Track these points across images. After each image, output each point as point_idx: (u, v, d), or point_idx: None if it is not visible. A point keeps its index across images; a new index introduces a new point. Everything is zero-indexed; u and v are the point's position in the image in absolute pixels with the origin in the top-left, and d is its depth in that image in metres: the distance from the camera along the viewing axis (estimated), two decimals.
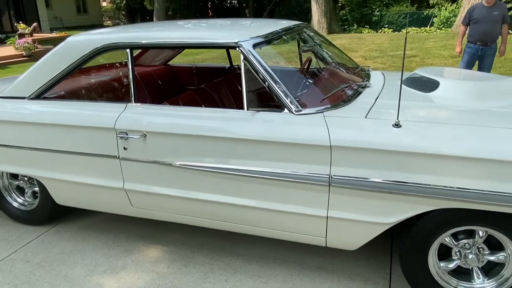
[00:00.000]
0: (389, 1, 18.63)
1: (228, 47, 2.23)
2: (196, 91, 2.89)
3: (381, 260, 2.47)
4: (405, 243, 2.01)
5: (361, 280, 2.30)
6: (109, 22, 28.03)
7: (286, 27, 2.65)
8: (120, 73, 3.21)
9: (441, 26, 15.59)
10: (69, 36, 2.83)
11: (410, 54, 9.62)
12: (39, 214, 2.94)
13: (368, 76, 2.72)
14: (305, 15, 18.55)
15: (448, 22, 15.52)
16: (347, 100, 2.22)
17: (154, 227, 2.88)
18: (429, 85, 2.39)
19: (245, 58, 2.14)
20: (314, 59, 2.83)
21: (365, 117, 2.00)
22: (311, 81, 2.44)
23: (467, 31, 5.56)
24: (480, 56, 5.44)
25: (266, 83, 2.11)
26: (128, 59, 2.41)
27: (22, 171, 2.71)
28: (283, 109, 2.08)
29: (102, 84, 3.07)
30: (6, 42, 13.52)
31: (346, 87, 2.40)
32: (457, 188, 1.73)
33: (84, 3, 25.48)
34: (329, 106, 2.11)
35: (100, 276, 2.41)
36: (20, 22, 14.98)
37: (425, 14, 17.40)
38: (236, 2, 26.00)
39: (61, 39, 14.07)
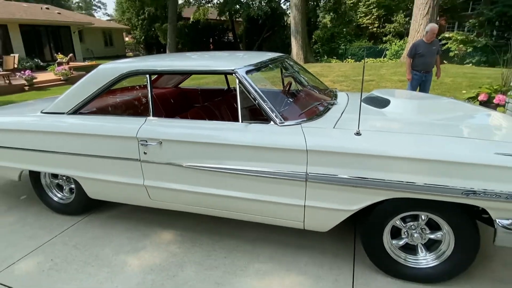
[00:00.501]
0: (351, 37, 18.94)
1: (226, 73, 2.25)
2: (201, 108, 2.91)
3: (347, 240, 2.49)
4: (365, 226, 2.04)
5: (332, 255, 2.32)
6: (130, 53, 27.85)
7: (271, 58, 2.68)
8: (140, 94, 3.21)
9: (392, 57, 15.88)
10: (98, 64, 2.81)
11: (368, 79, 9.76)
12: (74, 206, 2.90)
13: (335, 96, 2.76)
14: (286, 49, 18.68)
15: (397, 54, 15.82)
16: (319, 114, 2.25)
17: (167, 216, 2.86)
18: (382, 103, 2.44)
19: (240, 82, 2.16)
20: (293, 83, 2.87)
21: (333, 128, 2.04)
22: (291, 100, 2.47)
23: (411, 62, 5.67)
24: (423, 81, 5.59)
25: (256, 101, 2.13)
26: (147, 82, 2.42)
27: (62, 172, 2.67)
28: (270, 122, 2.10)
29: (126, 102, 3.06)
30: (47, 69, 13.35)
31: (318, 104, 2.44)
32: (405, 182, 1.77)
33: (111, 38, 25.32)
34: (305, 119, 2.13)
35: (124, 255, 2.38)
36: (59, 53, 14.83)
37: (379, 48, 17.70)
38: (232, 38, 26.13)
39: (92, 66, 14.06)
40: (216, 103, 3.14)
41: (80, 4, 53.28)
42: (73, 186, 2.86)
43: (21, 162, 2.76)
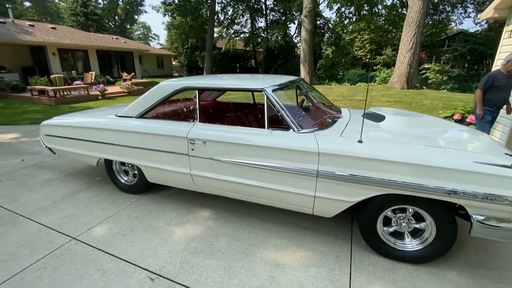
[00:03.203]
0: (348, 66, 18.64)
1: (257, 91, 2.25)
2: (234, 117, 2.93)
3: (345, 225, 2.45)
4: (363, 215, 2.00)
5: (334, 236, 2.29)
6: (176, 74, 28.38)
7: (290, 80, 2.65)
8: (188, 104, 3.24)
9: (381, 82, 15.49)
10: (153, 81, 2.90)
11: (361, 99, 9.56)
12: (137, 187, 2.96)
13: (340, 111, 2.73)
14: (296, 73, 18.61)
15: (385, 80, 15.42)
16: (328, 125, 2.22)
17: (206, 198, 2.89)
18: (378, 118, 2.40)
19: (267, 98, 2.18)
20: (305, 100, 2.86)
21: (340, 136, 2.02)
22: (305, 113, 2.44)
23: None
24: (493, 118, 3.68)
25: (279, 113, 2.14)
26: (196, 96, 2.46)
27: (130, 161, 2.72)
28: (289, 129, 2.11)
29: (178, 110, 3.11)
30: (115, 84, 13.82)
31: (327, 117, 2.42)
32: (397, 181, 1.74)
33: (162, 61, 25.93)
34: (317, 128, 2.12)
35: (172, 226, 2.43)
36: (124, 72, 15.33)
37: (370, 74, 17.32)
38: (254, 64, 26.25)
39: (148, 83, 14.37)
40: (245, 114, 3.16)
41: (140, 36, 54.98)
42: (136, 172, 2.93)
43: (99, 152, 2.86)
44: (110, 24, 41.43)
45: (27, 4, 38.14)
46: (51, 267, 1.93)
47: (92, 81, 12.85)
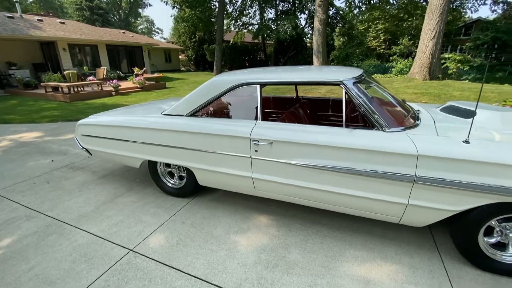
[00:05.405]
0: (363, 57, 18.10)
1: (332, 84, 1.99)
2: (290, 113, 2.66)
3: (422, 231, 2.22)
4: (461, 225, 1.74)
5: (416, 246, 2.06)
6: (183, 68, 28.04)
7: (361, 72, 2.30)
8: (245, 101, 2.77)
9: (397, 74, 15.00)
10: (164, 76, 2.61)
11: None
12: (184, 190, 2.76)
13: (409, 107, 2.45)
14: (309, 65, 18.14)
15: (402, 71, 14.93)
16: (415, 123, 1.95)
17: (259, 202, 2.68)
18: (467, 114, 2.12)
19: (347, 92, 1.93)
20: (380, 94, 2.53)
21: (438, 135, 1.77)
22: (385, 109, 2.15)
23: None
24: None
25: (362, 109, 1.89)
26: (257, 92, 2.20)
27: (181, 163, 2.50)
28: (374, 128, 1.86)
29: (233, 107, 2.72)
30: (127, 79, 13.60)
31: (410, 114, 2.11)
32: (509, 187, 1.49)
33: (170, 56, 25.52)
34: (405, 127, 1.86)
35: (234, 235, 2.22)
36: (135, 66, 15.10)
37: (386, 65, 16.82)
38: (263, 56, 25.77)
39: (160, 77, 14.07)
40: (296, 109, 2.90)
41: (144, 30, 54.56)
42: (183, 174, 2.73)
43: (145, 153, 2.65)
44: (115, 18, 41.06)
45: None
46: (115, 286, 1.75)
47: (104, 76, 12.66)
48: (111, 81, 10.91)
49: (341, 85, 1.96)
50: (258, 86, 2.22)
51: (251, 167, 2.19)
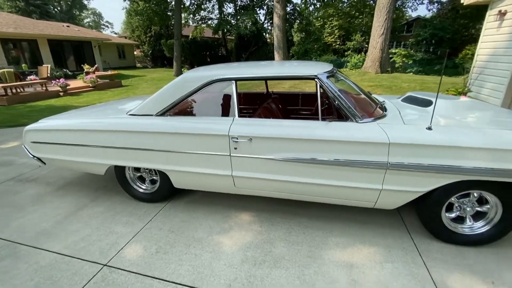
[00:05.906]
0: (321, 52, 18.86)
1: (306, 79, 2.02)
2: (264, 109, 2.64)
3: (392, 214, 2.40)
4: (426, 203, 1.93)
5: (389, 227, 2.21)
6: (139, 64, 26.32)
7: (333, 67, 2.37)
8: (219, 97, 2.70)
9: (352, 68, 15.96)
10: (119, 74, 2.45)
11: None
12: (157, 195, 2.60)
13: (375, 98, 2.60)
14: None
15: (356, 65, 15.89)
16: (383, 113, 2.07)
17: (238, 200, 2.64)
18: (424, 103, 2.32)
19: (321, 86, 1.98)
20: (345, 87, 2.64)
21: (404, 124, 1.91)
22: (354, 101, 2.24)
23: None
24: None
25: (336, 102, 1.95)
26: (233, 87, 2.14)
27: (152, 166, 2.35)
28: (347, 120, 1.94)
29: (207, 104, 2.63)
30: (76, 78, 12.31)
31: (377, 105, 2.25)
32: (480, 167, 1.67)
33: (123, 52, 23.67)
34: (375, 117, 1.98)
35: (217, 236, 2.16)
36: (85, 64, 13.71)
37: (341, 60, 17.75)
38: (224, 52, 25.37)
39: (111, 75, 13.05)
40: (269, 105, 2.90)
41: (91, 23, 49.84)
42: (155, 177, 2.57)
43: (111, 158, 2.42)
44: (56, 10, 36.73)
45: None
46: None
47: (48, 75, 11.29)
48: (57, 80, 9.78)
49: (315, 79, 2.00)
50: (233, 82, 2.16)
51: (231, 165, 2.14)
